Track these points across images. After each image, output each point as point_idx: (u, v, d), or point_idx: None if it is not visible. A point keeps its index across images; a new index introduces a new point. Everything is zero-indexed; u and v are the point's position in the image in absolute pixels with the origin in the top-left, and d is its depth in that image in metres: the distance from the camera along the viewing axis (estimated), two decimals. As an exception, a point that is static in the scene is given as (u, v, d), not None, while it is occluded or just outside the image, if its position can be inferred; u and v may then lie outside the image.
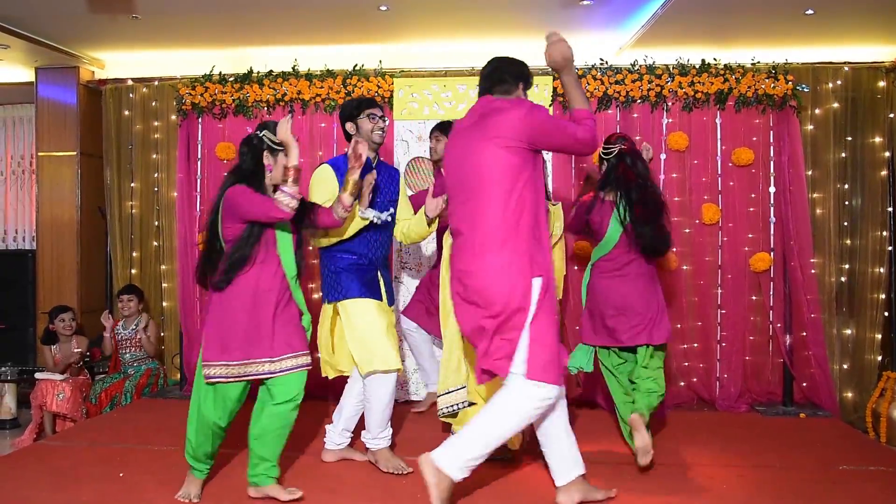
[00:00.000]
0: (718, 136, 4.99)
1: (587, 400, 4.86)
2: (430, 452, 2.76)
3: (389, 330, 3.49)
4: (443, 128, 4.29)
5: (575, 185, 5.00)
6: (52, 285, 5.74)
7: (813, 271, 4.86)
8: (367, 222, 3.43)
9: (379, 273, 3.56)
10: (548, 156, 4.69)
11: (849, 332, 5.12)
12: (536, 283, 2.79)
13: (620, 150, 3.76)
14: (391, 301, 3.60)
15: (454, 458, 2.74)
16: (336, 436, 3.67)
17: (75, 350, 5.20)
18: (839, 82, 5.10)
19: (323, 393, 4.76)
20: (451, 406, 3.46)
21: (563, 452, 2.98)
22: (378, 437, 3.51)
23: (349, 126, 3.57)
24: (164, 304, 5.68)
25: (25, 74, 5.87)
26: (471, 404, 3.42)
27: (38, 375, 4.99)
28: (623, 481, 3.37)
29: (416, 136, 5.04)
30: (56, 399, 4.82)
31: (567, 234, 4.14)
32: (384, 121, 3.59)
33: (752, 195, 4.95)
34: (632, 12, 4.66)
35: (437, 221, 3.55)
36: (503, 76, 3.12)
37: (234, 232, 3.02)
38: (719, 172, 4.98)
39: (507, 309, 2.75)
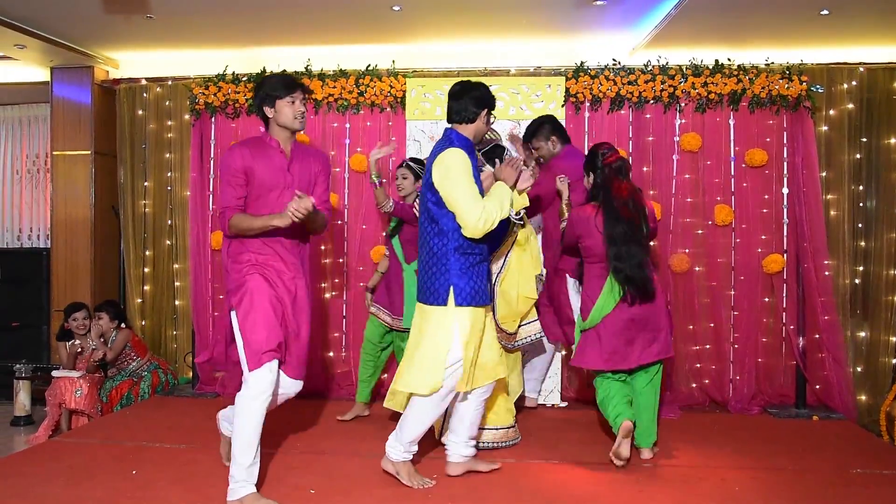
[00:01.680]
0: (732, 137, 4.97)
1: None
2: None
3: None
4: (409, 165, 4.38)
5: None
6: (66, 283, 5.78)
7: (827, 273, 4.83)
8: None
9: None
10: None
11: (863, 334, 5.08)
12: None
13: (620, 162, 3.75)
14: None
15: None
16: (462, 447, 3.44)
17: (97, 352, 5.22)
18: (854, 83, 5.06)
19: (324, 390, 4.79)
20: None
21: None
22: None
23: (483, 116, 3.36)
24: (177, 302, 5.71)
25: (41, 74, 5.92)
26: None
27: (55, 373, 5.03)
28: (635, 482, 3.36)
29: (429, 136, 5.04)
30: (74, 396, 4.86)
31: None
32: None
33: (766, 196, 4.92)
34: (645, 12, 4.65)
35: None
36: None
37: None
38: (732, 173, 4.96)
39: None
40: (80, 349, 5.13)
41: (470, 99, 3.29)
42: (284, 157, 3.20)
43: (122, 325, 5.33)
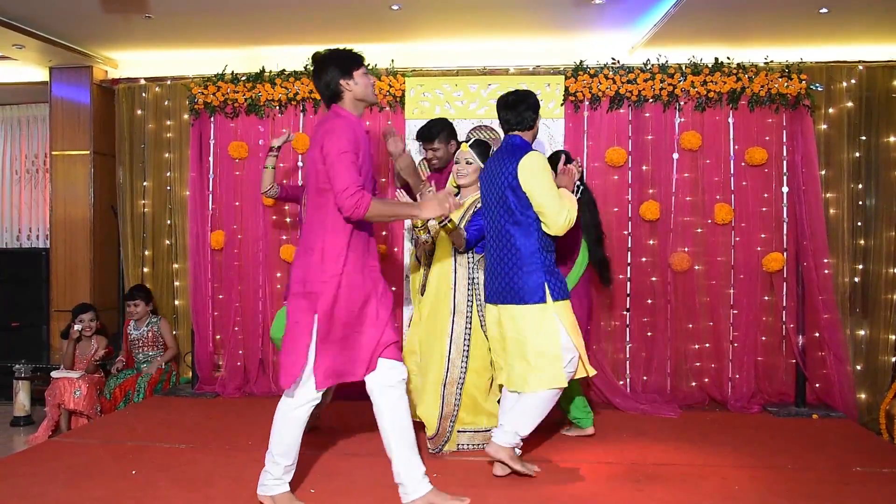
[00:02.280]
0: (731, 136, 4.97)
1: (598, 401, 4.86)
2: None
3: None
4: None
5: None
6: (65, 283, 5.78)
7: (826, 271, 4.83)
8: None
9: None
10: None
11: (862, 332, 5.08)
12: None
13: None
14: None
15: None
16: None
17: (100, 351, 5.24)
18: (853, 81, 5.06)
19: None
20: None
21: None
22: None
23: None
24: (176, 302, 5.71)
25: (40, 74, 5.91)
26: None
27: (54, 374, 5.04)
28: (635, 482, 3.36)
29: (428, 135, 5.03)
30: (73, 396, 4.87)
31: None
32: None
33: (766, 195, 4.92)
34: (644, 11, 4.65)
35: None
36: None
37: None
38: (732, 172, 4.96)
39: None
40: (78, 337, 5.20)
41: (527, 107, 3.48)
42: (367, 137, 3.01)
43: (154, 311, 5.48)
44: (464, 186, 3.84)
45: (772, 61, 4.96)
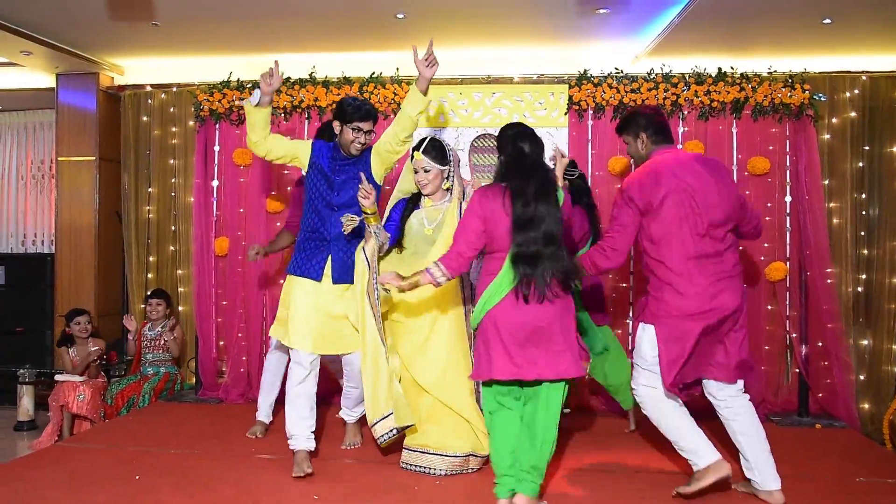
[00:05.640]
0: (734, 145, 4.97)
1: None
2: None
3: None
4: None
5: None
6: (70, 289, 5.79)
7: (829, 281, 4.83)
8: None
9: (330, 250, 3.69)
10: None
11: (865, 342, 5.07)
12: None
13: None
14: (337, 279, 3.67)
15: None
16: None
17: (92, 349, 5.24)
18: (856, 91, 5.07)
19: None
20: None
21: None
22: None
23: (336, 125, 3.68)
24: (180, 308, 5.72)
25: (46, 80, 5.95)
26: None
27: (58, 377, 5.05)
28: (637, 490, 3.36)
29: (432, 143, 5.05)
30: (77, 400, 4.88)
31: None
32: (368, 136, 3.65)
33: (769, 204, 4.92)
34: (648, 21, 4.67)
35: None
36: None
37: None
38: (735, 181, 4.95)
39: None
40: (92, 353, 5.19)
41: None
42: None
43: (172, 315, 5.50)
44: (428, 195, 3.68)
45: (775, 71, 4.98)
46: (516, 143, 3.16)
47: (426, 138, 3.67)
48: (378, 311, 3.50)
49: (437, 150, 3.61)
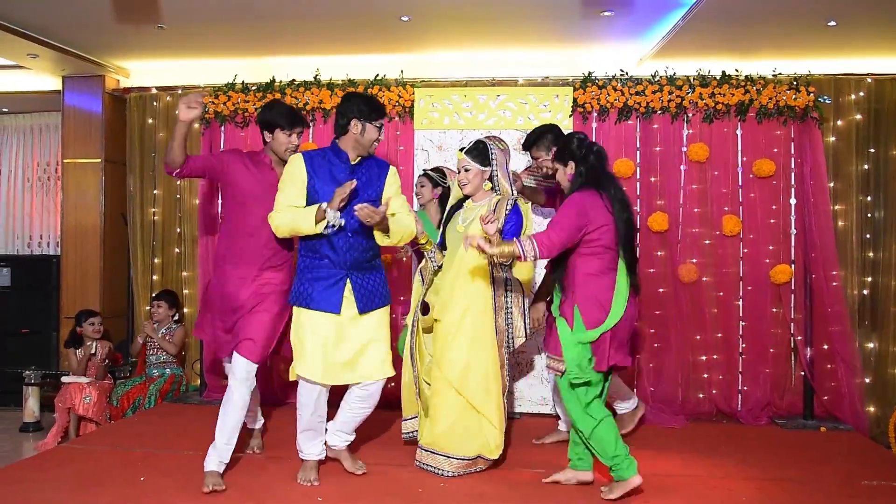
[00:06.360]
0: (739, 148, 4.97)
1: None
2: None
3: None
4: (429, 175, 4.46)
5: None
6: (75, 290, 5.81)
7: (835, 283, 4.82)
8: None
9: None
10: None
11: (871, 345, 5.06)
12: None
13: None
14: (362, 308, 3.36)
15: None
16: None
17: (95, 347, 5.23)
18: (861, 94, 5.06)
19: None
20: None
21: None
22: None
23: (354, 124, 3.33)
24: (185, 310, 5.73)
25: (52, 83, 5.97)
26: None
27: (64, 379, 5.06)
28: (641, 492, 3.35)
29: (437, 145, 5.06)
30: (83, 402, 4.89)
31: None
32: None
33: (774, 207, 4.92)
34: (653, 23, 4.67)
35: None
36: None
37: None
38: (740, 184, 4.97)
39: None
40: (93, 352, 5.17)
41: None
42: None
43: (178, 318, 5.47)
44: (469, 195, 3.69)
45: (780, 73, 4.97)
46: (592, 150, 3.36)
47: (477, 140, 3.69)
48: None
49: (479, 150, 3.62)
